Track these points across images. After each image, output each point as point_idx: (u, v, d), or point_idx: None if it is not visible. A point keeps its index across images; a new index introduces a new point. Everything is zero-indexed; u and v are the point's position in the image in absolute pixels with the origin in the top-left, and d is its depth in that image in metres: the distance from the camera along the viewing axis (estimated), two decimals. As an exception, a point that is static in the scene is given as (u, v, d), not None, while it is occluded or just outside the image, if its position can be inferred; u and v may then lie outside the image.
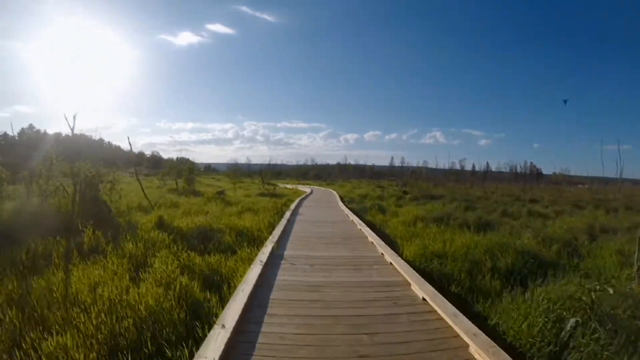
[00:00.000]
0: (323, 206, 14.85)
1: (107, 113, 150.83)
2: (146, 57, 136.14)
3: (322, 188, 32.43)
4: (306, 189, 29.20)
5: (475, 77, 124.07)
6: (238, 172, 44.22)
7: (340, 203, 15.69)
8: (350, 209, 12.94)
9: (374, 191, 25.45)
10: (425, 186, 29.29)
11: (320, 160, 65.78)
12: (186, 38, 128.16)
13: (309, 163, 65.51)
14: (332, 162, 67.25)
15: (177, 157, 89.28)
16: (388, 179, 51.64)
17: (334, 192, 25.16)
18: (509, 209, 13.23)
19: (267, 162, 69.36)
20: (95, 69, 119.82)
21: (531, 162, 54.07)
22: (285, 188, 30.06)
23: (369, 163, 74.08)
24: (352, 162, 73.29)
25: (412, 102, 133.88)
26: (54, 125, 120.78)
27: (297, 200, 15.68)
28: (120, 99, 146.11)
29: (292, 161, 68.88)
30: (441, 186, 31.18)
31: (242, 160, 60.98)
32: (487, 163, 55.59)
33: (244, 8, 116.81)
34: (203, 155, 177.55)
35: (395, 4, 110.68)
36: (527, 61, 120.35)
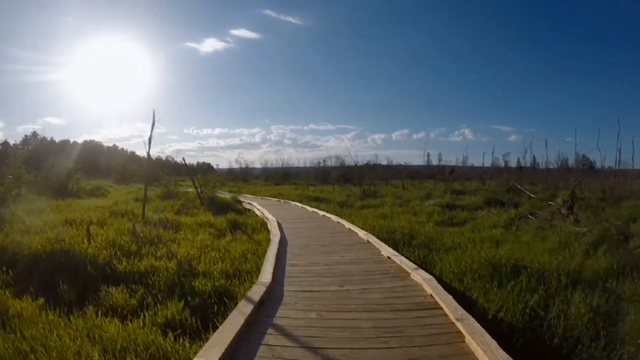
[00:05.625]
0: None
1: (137, 122, 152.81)
2: (172, 65, 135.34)
3: (357, 231, 7.39)
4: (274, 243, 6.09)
5: (503, 71, 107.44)
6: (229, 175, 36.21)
7: None
8: None
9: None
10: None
11: (348, 161, 53.61)
12: (211, 44, 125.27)
13: (332, 163, 52.31)
14: (360, 162, 55.90)
15: (198, 162, 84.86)
16: (437, 179, 34.94)
17: None
18: None
19: (279, 165, 56.56)
20: (123, 79, 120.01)
21: (583, 155, 42.88)
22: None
23: (399, 162, 61.88)
24: (384, 162, 59.73)
25: (439, 99, 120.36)
26: (85, 135, 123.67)
27: None
28: (149, 108, 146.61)
29: (314, 161, 58.10)
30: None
31: (258, 163, 51.89)
32: (534, 157, 45.51)
33: (268, 11, 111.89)
34: (229, 160, 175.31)
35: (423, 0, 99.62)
36: (558, 53, 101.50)
